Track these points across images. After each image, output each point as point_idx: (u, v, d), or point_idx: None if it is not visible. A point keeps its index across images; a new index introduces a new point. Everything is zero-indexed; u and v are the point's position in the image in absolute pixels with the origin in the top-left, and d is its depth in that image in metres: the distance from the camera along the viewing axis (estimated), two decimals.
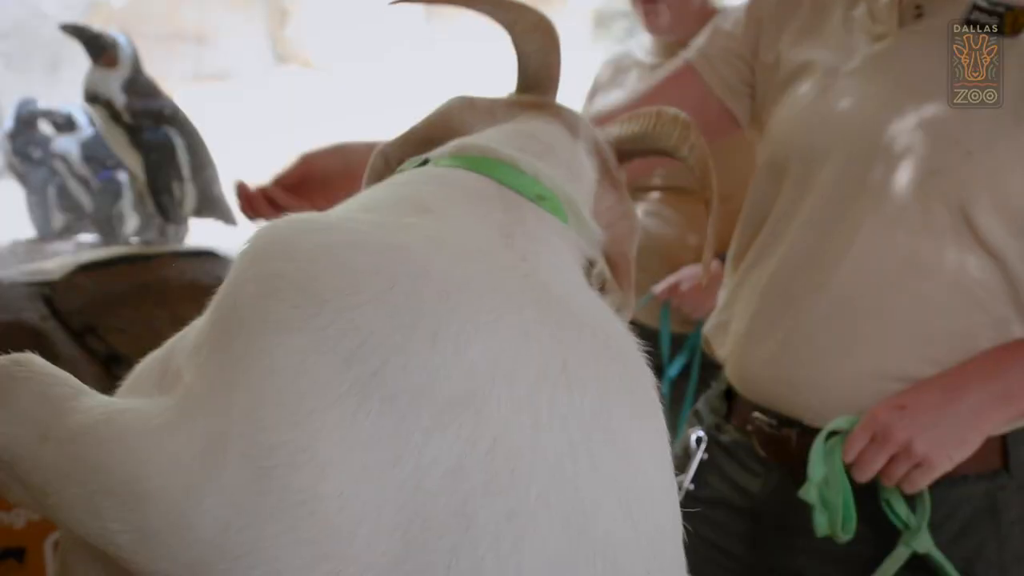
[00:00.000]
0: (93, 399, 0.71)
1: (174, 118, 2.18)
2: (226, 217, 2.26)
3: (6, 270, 2.17)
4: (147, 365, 0.87)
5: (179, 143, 2.17)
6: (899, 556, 1.15)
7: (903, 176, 1.18)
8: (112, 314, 1.96)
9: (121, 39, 2.23)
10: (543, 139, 0.99)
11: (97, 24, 2.49)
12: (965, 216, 1.15)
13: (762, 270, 1.30)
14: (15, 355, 0.75)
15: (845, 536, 1.15)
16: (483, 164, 0.90)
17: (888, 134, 1.20)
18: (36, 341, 1.84)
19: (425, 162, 0.94)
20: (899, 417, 1.12)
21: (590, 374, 0.75)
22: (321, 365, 0.66)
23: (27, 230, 2.84)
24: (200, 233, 2.32)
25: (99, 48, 2.20)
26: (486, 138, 0.95)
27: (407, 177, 0.91)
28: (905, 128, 1.20)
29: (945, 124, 1.18)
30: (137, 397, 0.78)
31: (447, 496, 0.66)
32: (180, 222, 2.20)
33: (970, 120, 1.17)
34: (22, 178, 2.80)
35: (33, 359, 0.75)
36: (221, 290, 0.74)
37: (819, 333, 1.21)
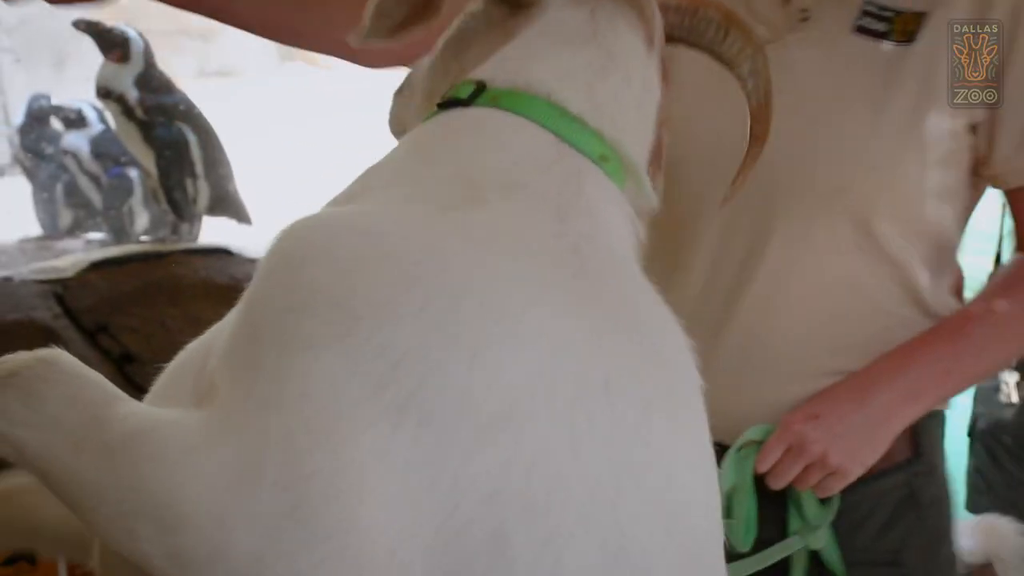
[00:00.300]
0: (127, 406, 0.69)
1: (188, 114, 2.16)
2: (240, 215, 2.24)
3: (17, 268, 2.15)
4: (185, 361, 0.84)
5: (192, 140, 2.14)
6: (789, 546, 1.18)
7: (808, 195, 1.19)
8: (124, 313, 1.94)
9: (132, 33, 2.21)
10: (619, 64, 0.89)
11: (103, 20, 2.46)
12: (868, 229, 1.18)
13: (669, 294, 1.30)
14: (42, 353, 0.72)
15: (743, 547, 1.17)
16: (547, 116, 0.84)
17: (788, 151, 1.18)
18: (48, 340, 1.81)
19: (481, 88, 0.86)
20: (813, 428, 1.15)
21: (633, 387, 0.74)
22: (355, 387, 0.64)
23: (35, 227, 2.82)
24: (212, 231, 2.29)
25: (110, 43, 2.18)
26: (557, 71, 0.87)
27: (455, 137, 0.84)
28: (807, 144, 1.19)
29: (847, 139, 1.19)
30: (174, 399, 0.75)
31: (484, 520, 0.65)
32: (193, 220, 2.18)
33: (870, 134, 1.18)
34: (30, 174, 2.77)
35: (60, 357, 0.72)
36: (252, 292, 0.71)
37: (737, 361, 1.21)
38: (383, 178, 0.82)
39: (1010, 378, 2.24)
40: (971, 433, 2.43)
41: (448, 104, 0.86)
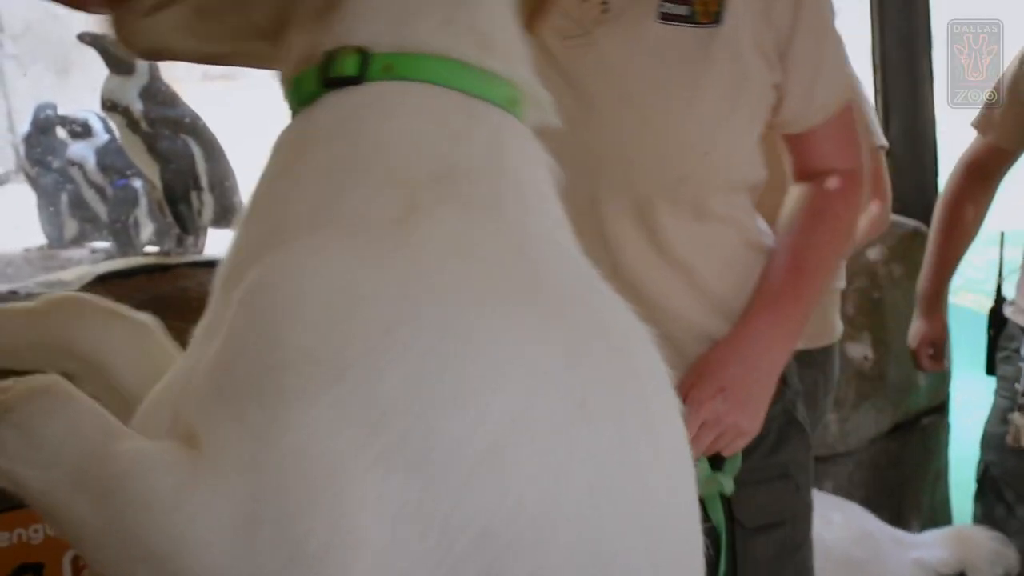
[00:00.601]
0: (124, 442, 0.70)
1: (193, 127, 2.17)
2: None
3: (22, 278, 2.16)
4: (156, 401, 0.84)
5: (197, 153, 2.15)
6: (714, 495, 1.29)
7: (650, 188, 1.28)
8: None
9: None
10: None
11: (108, 33, 2.46)
12: (704, 204, 1.31)
13: None
14: (38, 383, 0.73)
15: None
16: (452, 76, 0.81)
17: (623, 147, 1.25)
18: None
19: (366, 57, 0.81)
20: (723, 401, 1.26)
21: (608, 401, 0.76)
22: (345, 440, 0.65)
23: (39, 237, 2.83)
24: (218, 243, 2.30)
25: (116, 56, 2.18)
26: (439, 18, 0.83)
27: (365, 127, 0.79)
28: (641, 140, 1.26)
29: (675, 130, 1.27)
30: (154, 432, 0.75)
31: (475, 559, 0.67)
32: (198, 232, 2.19)
33: (699, 121, 1.27)
34: (34, 184, 2.78)
35: (57, 386, 0.73)
36: (229, 346, 0.71)
37: None
38: (311, 197, 0.78)
39: (1020, 420, 2.20)
40: (980, 480, 2.37)
41: (335, 83, 0.82)
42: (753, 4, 1.27)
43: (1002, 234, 2.44)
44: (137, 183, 2.43)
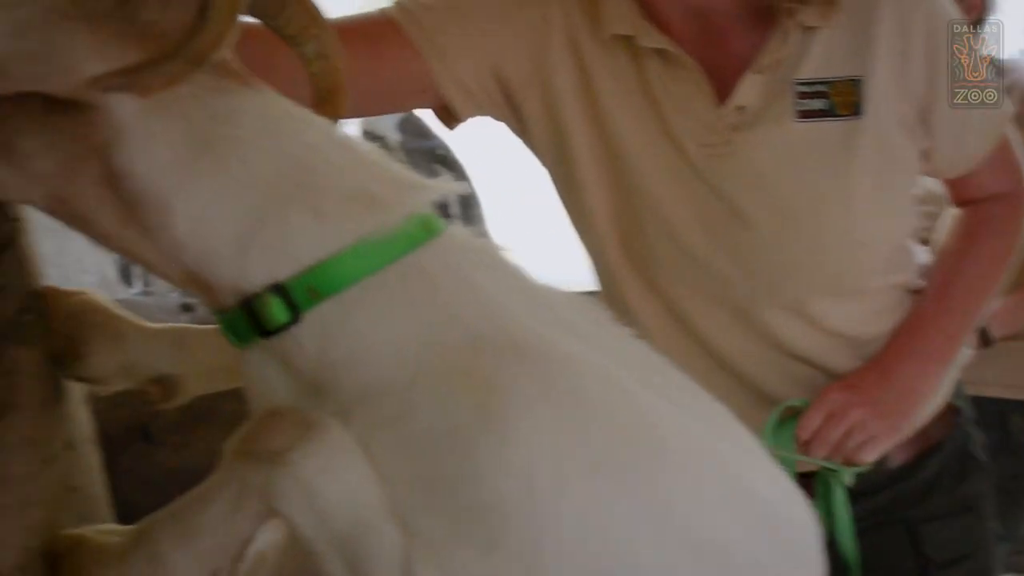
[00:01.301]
0: (383, 523, 0.73)
1: (445, 158, 2.17)
2: None
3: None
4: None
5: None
6: (840, 492, 1.27)
7: (810, 288, 1.27)
8: None
9: None
10: (315, 150, 0.80)
11: None
12: (866, 285, 1.30)
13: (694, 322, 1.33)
14: (317, 432, 0.73)
15: None
16: (373, 259, 0.78)
17: (784, 254, 1.25)
18: None
19: (286, 294, 0.77)
20: (852, 395, 1.26)
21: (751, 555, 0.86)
22: None
23: None
24: None
25: None
26: (316, 217, 0.78)
27: (364, 363, 0.77)
28: (800, 244, 1.25)
29: (835, 230, 1.25)
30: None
31: None
32: None
33: (852, 217, 1.25)
34: None
35: (337, 441, 0.74)
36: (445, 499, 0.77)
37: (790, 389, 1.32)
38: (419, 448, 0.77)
39: None
40: None
41: (267, 332, 0.78)
42: (890, 81, 1.24)
43: None
44: None
